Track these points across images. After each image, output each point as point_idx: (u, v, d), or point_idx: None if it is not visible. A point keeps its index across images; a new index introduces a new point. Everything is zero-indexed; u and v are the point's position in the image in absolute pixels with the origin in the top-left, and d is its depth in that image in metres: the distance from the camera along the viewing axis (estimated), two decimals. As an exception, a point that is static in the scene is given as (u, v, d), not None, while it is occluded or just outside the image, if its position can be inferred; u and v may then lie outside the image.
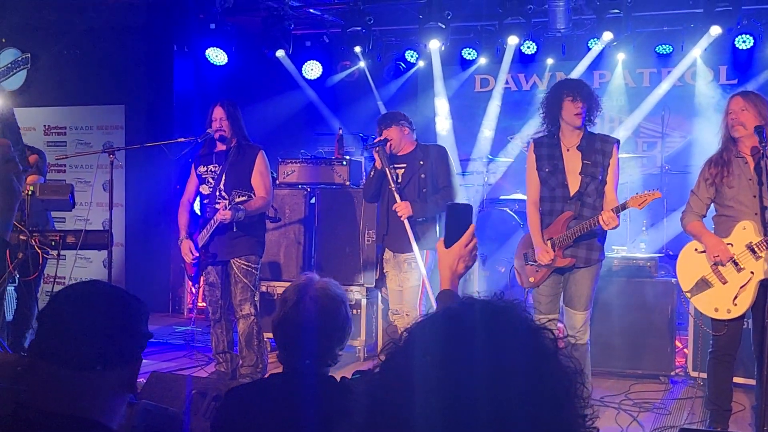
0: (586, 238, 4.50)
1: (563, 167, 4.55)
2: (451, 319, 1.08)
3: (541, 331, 1.08)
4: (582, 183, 4.50)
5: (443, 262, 2.17)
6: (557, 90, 4.58)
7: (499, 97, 8.66)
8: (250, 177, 5.34)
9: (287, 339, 2.25)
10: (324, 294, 2.26)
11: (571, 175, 4.53)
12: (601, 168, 4.50)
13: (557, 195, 4.56)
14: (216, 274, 5.42)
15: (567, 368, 1.06)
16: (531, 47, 8.24)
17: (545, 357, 1.04)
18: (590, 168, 4.49)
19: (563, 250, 4.53)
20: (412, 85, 9.13)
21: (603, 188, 4.51)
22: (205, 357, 6.23)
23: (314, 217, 6.69)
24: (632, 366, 5.80)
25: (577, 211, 4.50)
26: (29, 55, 9.26)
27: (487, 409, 0.98)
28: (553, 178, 4.57)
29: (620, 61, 8.30)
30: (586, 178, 4.49)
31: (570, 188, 4.52)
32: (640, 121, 8.30)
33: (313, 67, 8.93)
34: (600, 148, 4.53)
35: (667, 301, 5.75)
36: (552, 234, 4.56)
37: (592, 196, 4.50)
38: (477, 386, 0.99)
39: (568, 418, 1.03)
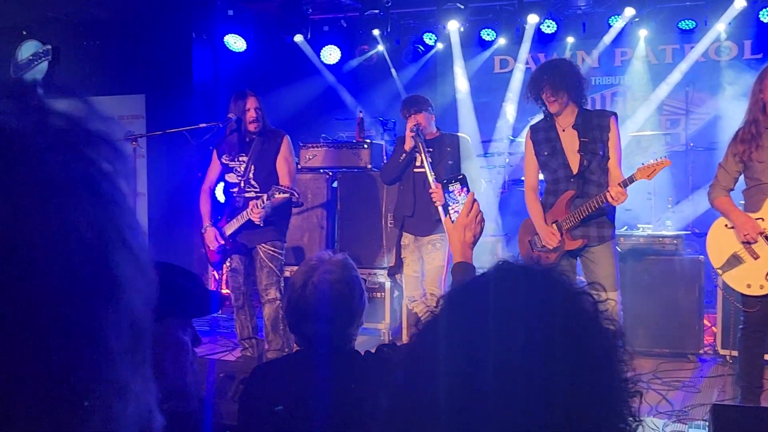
0: (595, 217, 4.44)
1: (561, 148, 4.51)
2: (488, 284, 1.07)
3: (581, 295, 1.06)
4: (582, 161, 4.45)
5: (452, 236, 2.24)
6: (532, 83, 4.52)
7: (520, 77, 8.58)
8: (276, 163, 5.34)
9: (297, 323, 2.25)
10: (330, 277, 2.23)
11: (570, 155, 4.49)
12: (600, 144, 4.43)
13: (560, 176, 4.52)
14: (239, 260, 5.43)
15: (608, 331, 1.05)
16: (551, 26, 8.16)
17: (585, 320, 1.03)
18: (589, 145, 4.43)
19: (571, 232, 4.48)
20: (431, 68, 9.08)
21: (606, 164, 4.43)
22: (231, 342, 6.26)
23: (336, 201, 6.68)
24: (660, 345, 5.75)
25: (580, 189, 4.45)
26: (50, 47, 9.30)
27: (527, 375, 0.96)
28: (554, 160, 4.54)
29: (642, 37, 8.19)
30: (586, 156, 4.43)
31: (572, 168, 4.48)
32: (663, 98, 8.19)
33: (331, 52, 8.90)
34: (597, 124, 4.46)
35: (694, 279, 5.69)
36: (556, 216, 4.51)
37: (596, 173, 4.43)
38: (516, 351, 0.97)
39: (610, 381, 1.01)
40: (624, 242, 5.92)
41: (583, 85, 4.48)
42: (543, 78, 4.42)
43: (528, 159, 4.74)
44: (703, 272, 5.60)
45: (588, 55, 8.52)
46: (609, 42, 8.22)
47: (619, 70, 8.55)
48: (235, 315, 5.56)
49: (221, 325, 7.14)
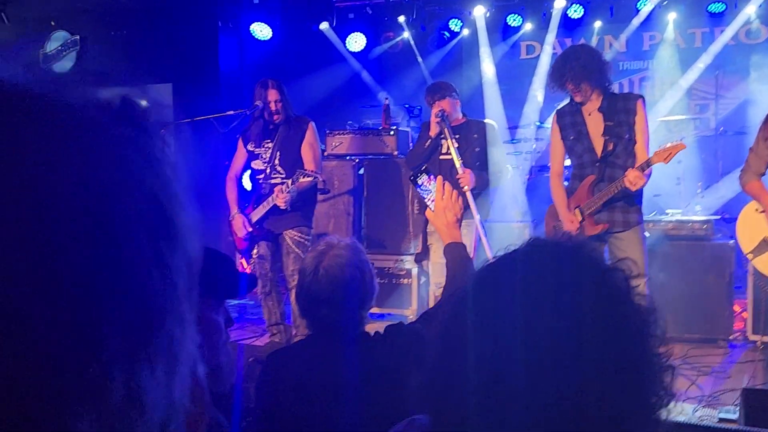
0: (619, 200, 4.40)
1: (587, 132, 4.48)
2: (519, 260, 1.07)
3: (613, 271, 1.06)
4: (606, 145, 4.40)
5: (436, 223, 2.36)
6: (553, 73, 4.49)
7: (546, 63, 8.51)
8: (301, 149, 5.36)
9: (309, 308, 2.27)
10: (341, 261, 2.24)
11: (596, 139, 4.45)
12: (626, 127, 4.38)
13: (585, 161, 4.50)
14: (267, 246, 5.46)
15: (640, 307, 1.05)
16: (578, 11, 8.09)
17: (617, 296, 1.03)
18: (614, 128, 4.38)
19: (594, 216, 4.44)
20: (457, 54, 9.04)
21: (632, 148, 4.37)
22: (259, 329, 6.31)
23: (362, 187, 6.69)
24: (689, 330, 5.70)
25: (602, 174, 4.41)
26: (78, 37, 9.39)
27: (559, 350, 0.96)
28: (579, 145, 4.51)
29: (671, 21, 8.09)
30: (611, 139, 4.39)
31: (596, 151, 4.45)
32: (692, 82, 8.09)
33: (357, 39, 8.89)
34: (623, 107, 4.41)
35: (724, 265, 5.63)
36: (578, 201, 4.49)
37: (621, 157, 4.39)
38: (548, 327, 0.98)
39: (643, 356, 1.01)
40: (653, 227, 5.86)
41: (605, 70, 4.43)
42: (564, 70, 4.39)
43: (554, 144, 4.71)
44: (734, 257, 5.54)
45: (615, 40, 8.43)
46: (637, 26, 8.13)
47: (647, 54, 8.45)
48: (262, 301, 5.59)
49: (249, 312, 7.20)
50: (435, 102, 5.26)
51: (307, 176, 5.07)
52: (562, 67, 4.41)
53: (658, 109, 7.86)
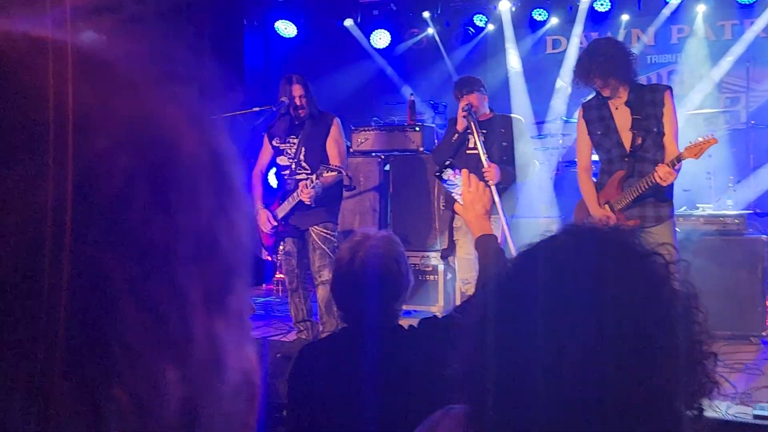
0: (650, 196, 4.33)
1: (615, 126, 4.41)
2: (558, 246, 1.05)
3: (652, 256, 1.03)
4: (634, 139, 4.34)
5: (465, 216, 2.32)
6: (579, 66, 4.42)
7: (573, 57, 8.42)
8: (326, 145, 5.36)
9: (343, 299, 2.25)
10: (374, 252, 2.23)
11: (624, 133, 4.38)
12: (654, 120, 4.30)
13: (614, 156, 4.44)
14: (293, 243, 5.46)
15: (680, 293, 1.02)
16: (605, 4, 8.01)
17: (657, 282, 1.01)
18: (642, 122, 4.31)
19: (625, 212, 4.39)
20: (482, 50, 8.99)
21: (662, 140, 4.30)
22: (286, 326, 6.32)
23: (388, 183, 6.67)
24: (721, 327, 5.60)
25: (632, 168, 4.35)
26: (105, 37, 9.48)
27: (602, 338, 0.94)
28: (607, 139, 4.45)
29: (700, 13, 7.97)
30: (640, 133, 4.32)
31: (625, 146, 4.38)
32: (722, 75, 7.96)
33: (381, 36, 8.88)
34: (650, 99, 4.33)
35: (756, 260, 5.53)
36: (608, 197, 4.43)
37: (650, 151, 4.32)
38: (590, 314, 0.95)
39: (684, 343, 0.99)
40: (683, 222, 5.78)
41: (632, 63, 4.36)
42: (591, 65, 4.33)
43: (581, 138, 4.66)
44: (766, 252, 5.44)
45: (643, 33, 8.33)
46: (665, 19, 8.02)
47: (675, 47, 8.34)
48: (289, 298, 5.60)
49: (276, 309, 7.21)
50: (463, 96, 5.24)
51: (331, 171, 5.07)
52: (589, 61, 4.35)
53: (688, 102, 7.74)
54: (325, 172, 5.05)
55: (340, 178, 5.46)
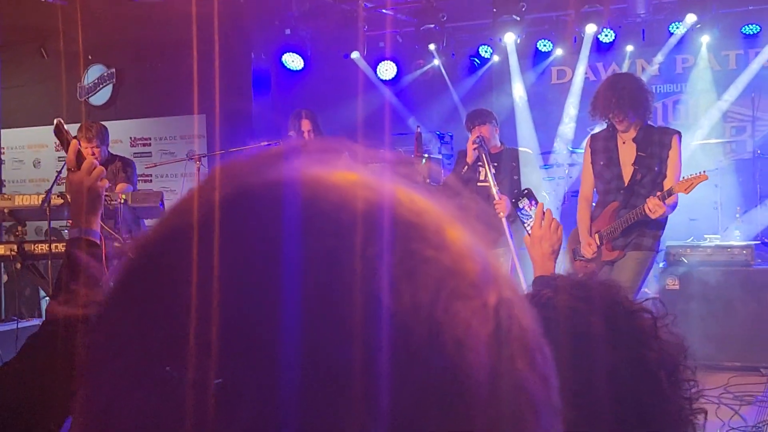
0: (638, 227, 4.40)
1: (618, 159, 4.51)
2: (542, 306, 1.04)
3: (638, 313, 1.03)
4: (635, 174, 4.41)
5: (531, 251, 2.23)
6: (598, 98, 4.50)
7: (578, 87, 8.47)
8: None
9: None
10: None
11: (625, 167, 4.49)
12: (658, 160, 4.40)
13: (612, 187, 4.53)
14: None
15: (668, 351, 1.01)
16: (609, 35, 8.05)
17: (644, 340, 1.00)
18: (645, 159, 4.40)
19: (612, 242, 4.45)
20: (488, 81, 9.04)
21: (661, 181, 4.38)
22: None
23: (395, 216, 6.69)
24: (730, 358, 5.59)
25: (626, 201, 4.41)
26: (114, 70, 9.59)
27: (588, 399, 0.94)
28: (608, 171, 4.53)
29: (704, 44, 8.01)
30: (641, 170, 4.41)
31: (624, 179, 4.46)
32: (727, 105, 7.99)
33: (387, 68, 8.94)
34: (658, 140, 4.43)
35: (764, 291, 5.53)
36: (600, 227, 4.50)
37: (647, 188, 4.39)
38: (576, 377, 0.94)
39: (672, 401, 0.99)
40: (691, 253, 5.78)
41: (650, 103, 4.48)
42: (612, 98, 4.39)
43: (585, 168, 4.75)
44: (775, 283, 5.43)
45: (648, 64, 8.37)
46: (670, 49, 8.07)
47: (680, 77, 8.37)
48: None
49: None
50: (475, 127, 5.29)
51: None
52: (611, 95, 4.42)
53: (694, 132, 7.76)
54: None
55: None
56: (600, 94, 4.54)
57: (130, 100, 9.55)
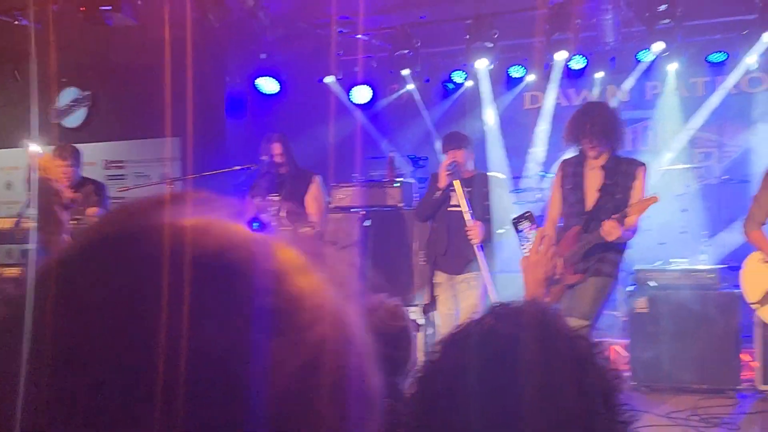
0: (599, 251, 4.47)
1: (583, 184, 4.61)
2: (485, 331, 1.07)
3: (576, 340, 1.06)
4: (598, 200, 4.49)
5: (524, 274, 2.21)
6: (573, 124, 4.60)
7: (550, 113, 8.59)
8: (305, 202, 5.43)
9: None
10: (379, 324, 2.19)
11: (590, 192, 4.57)
12: (622, 188, 4.50)
13: (575, 211, 4.62)
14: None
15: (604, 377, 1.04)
16: (580, 62, 8.19)
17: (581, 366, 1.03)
18: (610, 187, 4.50)
19: (574, 266, 4.50)
20: (461, 105, 9.13)
21: (624, 210, 4.46)
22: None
23: (368, 239, 6.73)
24: (698, 381, 5.66)
25: (587, 225, 4.49)
26: (88, 93, 9.56)
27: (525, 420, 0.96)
28: (573, 195, 4.62)
29: (672, 71, 8.17)
30: (604, 197, 4.49)
31: (587, 204, 4.53)
32: (695, 131, 8.13)
33: (362, 92, 9.01)
34: (625, 170, 4.54)
35: (731, 313, 5.61)
36: (562, 250, 4.55)
37: (607, 214, 4.46)
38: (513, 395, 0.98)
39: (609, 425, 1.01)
40: (659, 277, 5.87)
41: (622, 133, 4.58)
42: (586, 126, 4.48)
43: (554, 191, 4.82)
44: (740, 306, 5.51)
45: (618, 90, 8.52)
46: (638, 76, 8.22)
47: (649, 103, 8.53)
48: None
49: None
50: (450, 150, 5.28)
51: (305, 227, 5.14)
52: (586, 122, 4.51)
53: (663, 157, 7.90)
54: (301, 230, 5.12)
55: (320, 234, 5.53)
56: (575, 120, 4.63)
57: (104, 122, 9.52)
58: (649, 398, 5.65)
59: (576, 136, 4.59)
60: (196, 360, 0.42)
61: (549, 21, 7.44)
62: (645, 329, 5.79)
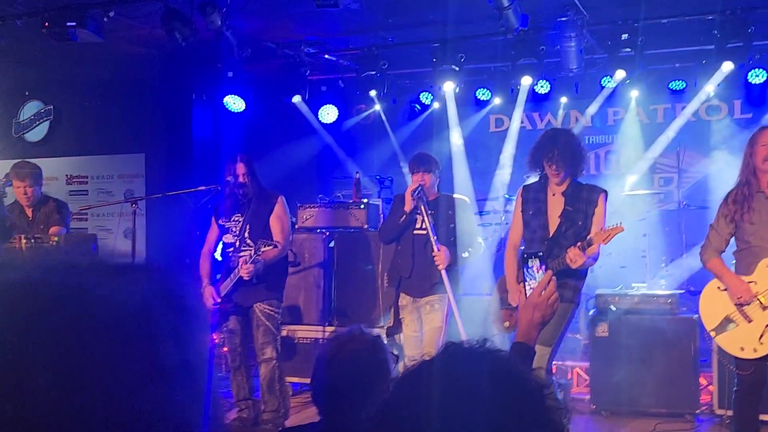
0: (560, 278, 4.51)
1: (546, 210, 4.67)
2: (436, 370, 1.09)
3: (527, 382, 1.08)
4: (560, 226, 4.56)
5: (521, 312, 2.20)
6: (539, 149, 4.67)
7: (515, 136, 8.71)
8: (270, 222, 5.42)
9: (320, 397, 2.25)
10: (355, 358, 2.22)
11: (552, 219, 4.64)
12: (583, 215, 4.57)
13: (536, 237, 4.67)
14: (237, 321, 5.46)
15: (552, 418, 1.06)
16: (544, 86, 8.31)
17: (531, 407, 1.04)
18: (571, 213, 4.57)
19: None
20: (427, 127, 9.19)
21: (585, 236, 4.53)
22: (227, 402, 6.23)
23: (333, 260, 6.73)
24: (656, 405, 5.74)
25: (549, 251, 4.55)
26: (52, 107, 9.46)
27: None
28: (535, 220, 4.68)
29: (633, 98, 8.34)
30: (566, 223, 4.57)
31: (549, 230, 4.60)
32: (655, 157, 8.30)
33: (329, 112, 9.03)
34: (586, 197, 4.61)
35: (689, 338, 5.71)
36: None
37: (569, 240, 4.54)
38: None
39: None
40: (619, 301, 5.95)
41: (585, 160, 4.66)
42: (552, 152, 4.55)
43: (515, 216, 4.87)
44: (698, 332, 5.61)
45: (581, 115, 8.67)
46: (602, 102, 8.37)
47: (612, 129, 8.68)
48: (231, 375, 5.56)
49: (218, 385, 7.11)
50: (419, 173, 5.29)
51: (267, 246, 5.12)
52: (551, 148, 4.57)
53: (623, 183, 8.04)
54: (263, 248, 5.10)
55: (285, 254, 5.52)
56: (540, 146, 4.69)
57: (67, 137, 9.42)
58: (609, 422, 5.72)
59: (540, 161, 4.66)
60: None
61: (514, 47, 7.55)
62: (606, 353, 5.87)
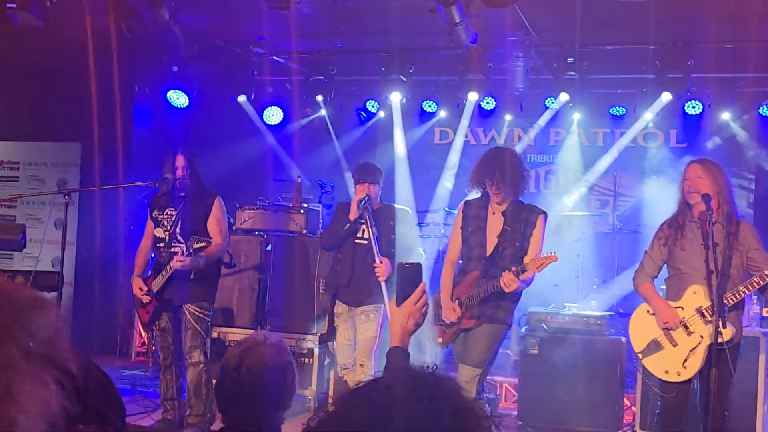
0: (495, 299, 4.58)
1: (485, 228, 4.71)
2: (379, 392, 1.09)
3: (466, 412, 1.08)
4: (498, 246, 4.61)
5: (394, 319, 2.22)
6: (482, 168, 4.71)
7: (458, 150, 8.77)
8: (206, 222, 5.33)
9: (226, 404, 2.25)
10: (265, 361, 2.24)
11: (490, 238, 4.68)
12: (521, 236, 4.62)
13: (474, 255, 4.71)
14: (168, 319, 5.36)
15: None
16: (490, 103, 8.41)
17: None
18: (509, 234, 4.62)
19: (471, 310, 4.61)
20: (372, 135, 9.20)
21: (521, 256, 4.58)
22: (152, 403, 6.10)
23: (269, 263, 6.66)
24: (582, 423, 5.83)
25: (486, 271, 4.59)
26: (-18, 90, 9.11)
27: None
28: (474, 238, 4.72)
29: (575, 120, 8.50)
30: (504, 243, 4.61)
31: (487, 249, 4.65)
32: (593, 179, 8.47)
33: (274, 113, 8.96)
34: (525, 218, 4.66)
35: (616, 360, 5.82)
36: (460, 293, 4.67)
37: (506, 260, 4.59)
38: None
39: None
40: (550, 320, 6.04)
41: (527, 181, 4.70)
42: (495, 171, 4.57)
43: (455, 232, 4.89)
44: (625, 353, 5.74)
45: (524, 133, 8.79)
46: (545, 122, 8.51)
47: (553, 149, 8.83)
48: (161, 374, 5.46)
49: (143, 384, 6.96)
50: (365, 183, 5.27)
51: (200, 242, 5.04)
52: (494, 167, 4.59)
53: (562, 202, 8.18)
54: (195, 243, 5.01)
55: (221, 255, 5.43)
56: (483, 165, 4.72)
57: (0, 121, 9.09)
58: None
59: (482, 180, 4.69)
60: None
61: (463, 62, 7.61)
62: (535, 370, 5.94)
